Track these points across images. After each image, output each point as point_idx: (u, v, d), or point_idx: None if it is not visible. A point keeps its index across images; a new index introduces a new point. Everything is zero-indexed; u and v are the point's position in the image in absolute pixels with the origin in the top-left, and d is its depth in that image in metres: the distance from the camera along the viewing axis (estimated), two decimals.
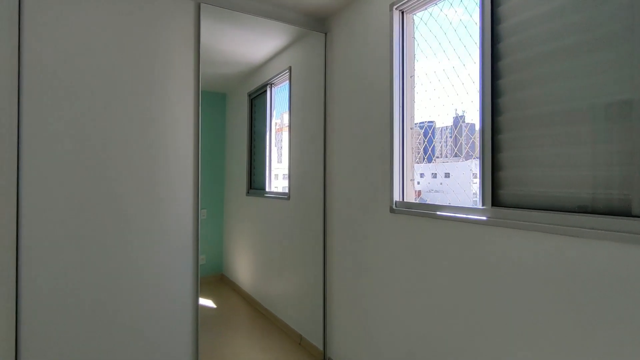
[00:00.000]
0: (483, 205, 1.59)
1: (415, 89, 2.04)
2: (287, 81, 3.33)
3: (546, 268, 1.35)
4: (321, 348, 2.62)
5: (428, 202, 1.96)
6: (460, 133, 1.83)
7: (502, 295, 1.49)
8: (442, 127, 1.93)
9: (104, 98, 1.89)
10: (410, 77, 2.05)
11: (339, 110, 2.55)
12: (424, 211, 1.84)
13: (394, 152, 2.02)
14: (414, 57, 2.04)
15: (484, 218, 1.56)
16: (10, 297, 1.70)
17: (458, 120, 1.84)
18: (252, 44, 3.20)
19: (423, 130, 2.04)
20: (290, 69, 3.15)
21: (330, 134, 2.65)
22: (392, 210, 2.02)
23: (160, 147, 2.02)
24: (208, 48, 2.44)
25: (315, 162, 2.78)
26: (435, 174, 1.99)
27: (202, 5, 2.15)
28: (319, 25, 2.77)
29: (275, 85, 3.66)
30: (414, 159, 2.07)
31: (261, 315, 3.55)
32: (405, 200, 2.03)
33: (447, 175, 1.91)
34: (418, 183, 2.07)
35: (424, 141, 2.03)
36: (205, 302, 3.70)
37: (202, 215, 3.92)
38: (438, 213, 1.76)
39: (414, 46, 2.04)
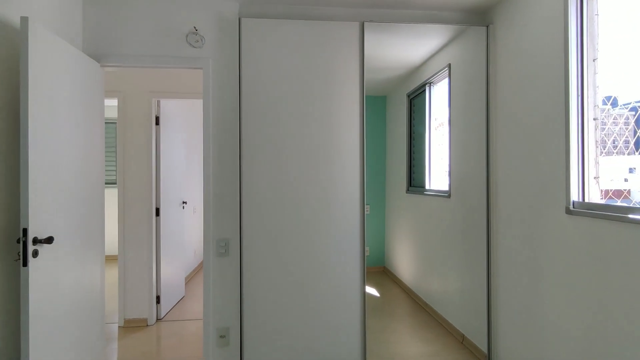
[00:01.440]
0: None
1: (596, 74, 1.79)
2: (447, 78, 3.32)
3: None
4: (485, 350, 2.55)
5: (619, 203, 1.70)
6: None
7: None
8: None
9: (292, 112, 2.37)
10: (593, 60, 1.81)
11: (504, 103, 2.43)
12: (613, 214, 1.62)
13: (571, 146, 1.83)
14: (596, 37, 1.79)
15: None
16: (235, 287, 2.35)
17: None
18: (410, 47, 3.33)
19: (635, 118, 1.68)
20: (449, 66, 3.14)
21: (494, 129, 2.55)
22: (568, 211, 1.83)
23: (333, 149, 2.40)
24: (370, 57, 2.71)
25: (477, 158, 2.71)
26: None
27: (366, 24, 2.42)
28: (479, 19, 2.69)
29: (434, 83, 3.68)
30: (598, 152, 1.82)
31: (421, 309, 3.65)
32: (586, 200, 1.81)
33: None
34: (612, 180, 1.80)
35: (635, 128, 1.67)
36: (370, 290, 4.04)
37: (366, 210, 4.29)
38: (631, 216, 1.52)
39: (595, 25, 1.79)
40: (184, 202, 4.05)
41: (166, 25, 2.32)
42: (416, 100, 4.20)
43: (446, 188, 3.32)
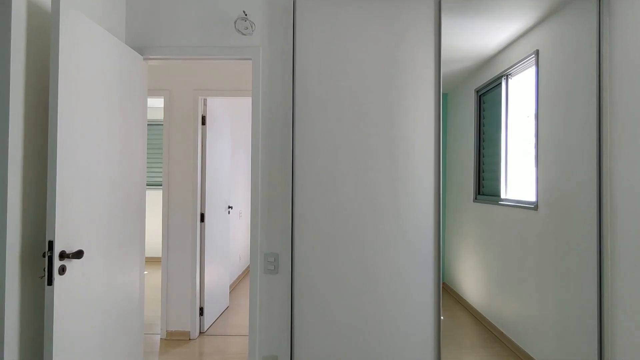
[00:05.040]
0: None
1: None
2: (532, 67, 2.80)
3: None
4: None
5: None
6: None
7: None
8: None
9: (354, 110, 2.02)
10: None
11: (626, 95, 1.90)
12: None
13: None
14: None
15: None
16: (286, 301, 2.03)
17: None
18: (486, 34, 2.86)
19: None
20: (537, 52, 2.63)
21: (610, 128, 2.03)
22: None
23: (402, 154, 2.01)
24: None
25: (581, 162, 2.19)
26: None
27: (443, 2, 2.01)
28: None
29: (512, 75, 3.17)
30: None
31: (494, 337, 3.14)
32: None
33: None
34: None
35: None
36: None
37: None
38: None
39: None
40: (229, 207, 3.84)
41: (212, 11, 2.07)
42: (487, 97, 3.68)
43: (532, 198, 2.79)
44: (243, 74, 3.13)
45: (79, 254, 1.46)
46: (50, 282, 1.36)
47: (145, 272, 5.29)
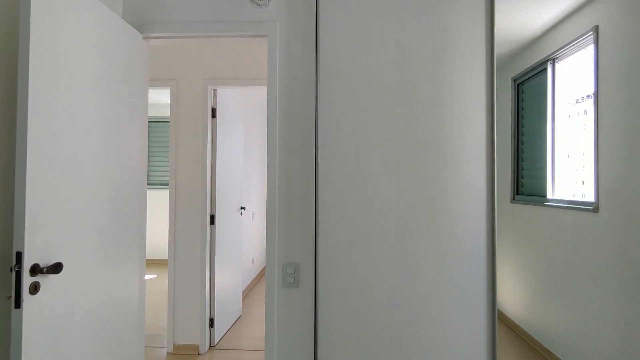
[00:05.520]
0: None
1: None
2: (589, 47, 2.42)
3: None
4: None
5: None
6: None
7: None
8: None
9: (388, 96, 1.69)
10: None
11: None
12: None
13: None
14: None
15: None
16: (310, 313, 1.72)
17: None
18: (526, 12, 2.49)
19: None
20: (596, 29, 2.26)
21: None
22: None
23: (449, 145, 1.67)
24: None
25: None
26: None
27: None
28: None
29: (560, 59, 2.79)
30: None
31: (534, 351, 2.77)
32: None
33: None
34: None
35: None
36: None
37: None
38: None
39: None
40: (242, 208, 3.56)
41: None
42: (528, 85, 3.29)
43: (590, 198, 2.42)
44: (257, 61, 2.84)
45: (56, 268, 1.18)
46: (18, 304, 1.08)
47: (154, 276, 5.06)
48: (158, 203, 5.79)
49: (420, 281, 1.66)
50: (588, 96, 2.46)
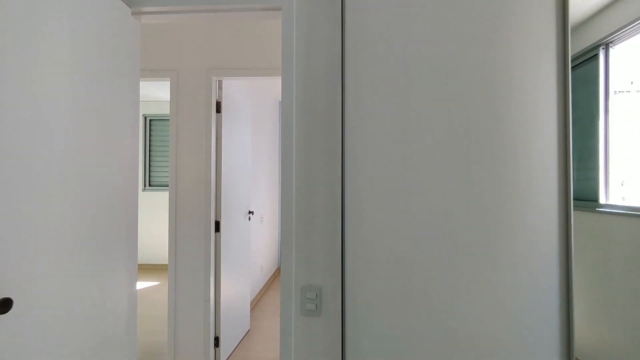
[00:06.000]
0: None
1: None
2: None
3: None
4: None
5: None
6: None
7: None
8: None
9: (431, 82, 1.36)
10: None
11: None
12: None
13: None
14: None
15: None
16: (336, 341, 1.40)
17: None
18: None
19: None
20: None
21: None
22: None
23: (511, 143, 1.34)
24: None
25: None
26: None
27: None
28: None
29: (615, 43, 2.44)
30: None
31: None
32: None
33: None
34: None
35: None
36: None
37: None
38: None
39: None
40: (250, 212, 3.25)
41: None
42: (576, 73, 2.89)
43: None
44: (268, 48, 2.52)
45: (4, 306, 0.87)
46: None
47: (157, 283, 4.78)
48: (162, 205, 5.51)
49: (479, 319, 1.33)
50: None
